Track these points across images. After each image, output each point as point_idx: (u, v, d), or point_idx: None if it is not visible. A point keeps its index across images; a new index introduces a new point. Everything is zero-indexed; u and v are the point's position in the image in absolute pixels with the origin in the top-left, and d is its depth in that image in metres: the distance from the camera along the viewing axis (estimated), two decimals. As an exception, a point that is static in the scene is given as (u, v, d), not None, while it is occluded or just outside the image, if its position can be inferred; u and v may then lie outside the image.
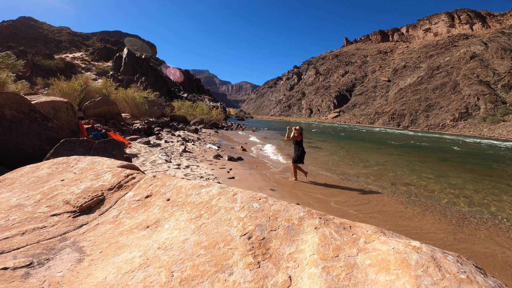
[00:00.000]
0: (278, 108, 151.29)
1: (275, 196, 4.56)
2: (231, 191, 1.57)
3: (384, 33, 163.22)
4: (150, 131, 11.20)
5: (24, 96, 4.88)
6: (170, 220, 1.46)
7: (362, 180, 6.81)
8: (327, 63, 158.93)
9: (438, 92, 75.82)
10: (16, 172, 2.28)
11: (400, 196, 5.61)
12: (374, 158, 11.34)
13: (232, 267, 1.07)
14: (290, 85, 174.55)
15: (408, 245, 1.05)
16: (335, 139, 21.82)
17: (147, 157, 6.67)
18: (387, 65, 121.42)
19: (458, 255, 1.05)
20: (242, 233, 1.23)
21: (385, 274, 0.94)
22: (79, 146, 4.17)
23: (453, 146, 22.03)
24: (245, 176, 6.14)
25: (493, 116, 54.57)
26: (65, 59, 56.68)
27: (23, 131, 4.40)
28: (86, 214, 1.62)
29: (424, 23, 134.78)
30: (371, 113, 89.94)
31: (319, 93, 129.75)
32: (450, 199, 5.68)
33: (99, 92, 14.72)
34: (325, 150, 13.42)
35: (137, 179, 1.95)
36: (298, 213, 1.33)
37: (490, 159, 13.82)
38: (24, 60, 20.38)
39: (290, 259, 1.10)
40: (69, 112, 6.70)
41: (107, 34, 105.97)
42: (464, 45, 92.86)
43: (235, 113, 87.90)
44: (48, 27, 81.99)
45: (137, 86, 36.33)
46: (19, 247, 1.25)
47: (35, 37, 67.61)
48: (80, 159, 2.37)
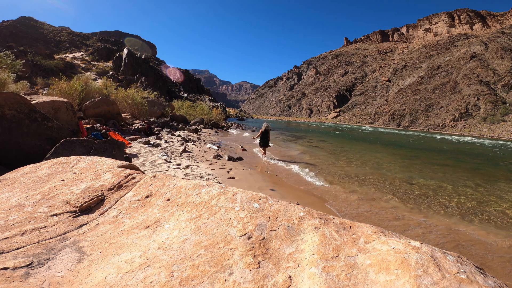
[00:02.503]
0: (278, 108, 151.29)
1: (275, 196, 4.55)
2: (231, 191, 1.57)
3: (384, 33, 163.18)
4: (150, 131, 11.20)
5: (24, 96, 4.88)
6: (170, 220, 1.46)
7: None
8: (327, 63, 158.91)
9: (438, 92, 75.82)
10: (16, 172, 2.28)
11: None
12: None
13: (232, 267, 1.07)
14: (290, 85, 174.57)
15: (408, 245, 1.05)
16: (333, 139, 21.84)
17: (147, 157, 6.67)
18: (387, 65, 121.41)
19: (458, 255, 1.05)
20: (242, 233, 1.23)
21: (385, 274, 0.94)
22: (79, 146, 4.17)
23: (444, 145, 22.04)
24: (245, 176, 6.14)
25: (493, 116, 54.58)
26: (65, 59, 56.67)
27: (23, 131, 4.40)
28: (86, 214, 1.62)
29: (424, 23, 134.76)
30: (371, 113, 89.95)
31: (319, 93, 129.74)
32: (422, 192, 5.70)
33: (99, 92, 14.70)
34: (323, 149, 13.47)
35: (137, 179, 1.95)
36: (298, 213, 1.33)
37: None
38: (23, 60, 20.35)
39: (290, 259, 1.10)
40: (69, 112, 6.70)
41: (107, 34, 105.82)
42: (464, 45, 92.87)
43: (235, 113, 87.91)
44: (48, 27, 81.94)
45: (137, 86, 36.31)
46: (19, 247, 1.25)
47: (35, 37, 67.58)
48: (80, 159, 2.37)
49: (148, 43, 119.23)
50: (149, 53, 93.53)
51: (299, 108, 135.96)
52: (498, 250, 3.47)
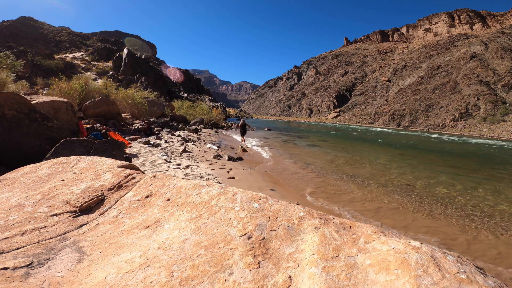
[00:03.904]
0: (278, 108, 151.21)
1: (275, 196, 4.55)
2: (231, 191, 1.57)
3: (384, 33, 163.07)
4: (150, 131, 11.20)
5: (24, 96, 4.88)
6: (170, 220, 1.46)
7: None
8: (327, 63, 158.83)
9: (438, 92, 75.78)
10: (16, 172, 2.28)
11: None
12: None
13: (232, 267, 1.07)
14: (290, 85, 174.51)
15: (408, 245, 1.05)
16: (332, 138, 21.84)
17: (147, 157, 6.67)
18: (387, 65, 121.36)
19: (458, 255, 1.05)
20: (242, 233, 1.23)
21: (385, 274, 0.94)
22: (79, 146, 4.17)
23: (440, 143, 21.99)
24: (245, 176, 6.14)
25: (493, 116, 54.55)
26: (65, 59, 56.62)
27: (23, 131, 4.40)
28: (86, 214, 1.62)
29: (424, 23, 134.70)
30: (371, 113, 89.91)
31: (319, 93, 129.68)
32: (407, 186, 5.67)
33: (99, 92, 14.69)
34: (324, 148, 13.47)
35: (137, 179, 1.95)
36: (298, 213, 1.33)
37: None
38: (23, 60, 20.33)
39: (290, 259, 1.10)
40: (69, 112, 6.70)
41: (107, 34, 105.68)
42: (464, 45, 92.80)
43: (235, 113, 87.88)
44: (48, 27, 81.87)
45: (137, 86, 36.30)
46: (19, 247, 1.25)
47: (35, 37, 67.53)
48: (80, 159, 2.37)
49: (148, 43, 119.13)
50: (149, 53, 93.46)
51: (299, 108, 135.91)
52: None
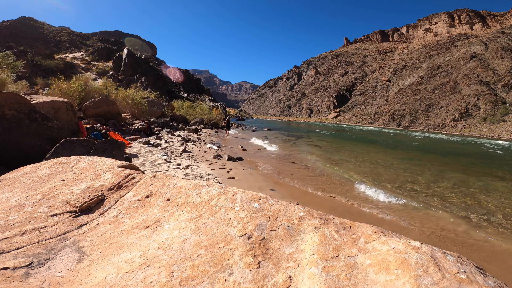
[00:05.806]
0: (278, 108, 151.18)
1: (275, 196, 4.56)
2: (231, 191, 1.57)
3: (384, 33, 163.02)
4: (150, 131, 11.20)
5: (24, 96, 4.88)
6: (170, 220, 1.46)
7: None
8: (327, 63, 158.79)
9: (438, 92, 75.78)
10: (16, 172, 2.28)
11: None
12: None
13: (232, 267, 1.07)
14: (290, 85, 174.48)
15: (408, 245, 1.05)
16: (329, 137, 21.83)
17: (147, 157, 6.67)
18: (387, 65, 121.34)
19: (458, 255, 1.05)
20: (242, 233, 1.23)
21: (385, 274, 0.94)
22: (79, 146, 4.17)
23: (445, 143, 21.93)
24: (245, 176, 6.14)
25: (493, 116, 54.55)
26: (65, 59, 56.60)
27: (23, 131, 4.40)
28: (86, 214, 1.62)
29: (424, 23, 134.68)
30: (371, 113, 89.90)
31: (319, 93, 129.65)
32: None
33: (99, 92, 14.69)
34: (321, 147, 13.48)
35: (137, 179, 1.95)
36: (298, 213, 1.33)
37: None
38: (24, 60, 20.33)
39: (290, 259, 1.10)
40: (69, 112, 6.70)
41: (107, 34, 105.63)
42: (464, 45, 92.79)
43: (235, 113, 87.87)
44: (48, 27, 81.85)
45: (137, 86, 36.28)
46: (19, 247, 1.25)
47: (35, 37, 67.51)
48: (80, 159, 2.37)
49: (148, 43, 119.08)
50: (149, 53, 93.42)
51: (299, 108, 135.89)
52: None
